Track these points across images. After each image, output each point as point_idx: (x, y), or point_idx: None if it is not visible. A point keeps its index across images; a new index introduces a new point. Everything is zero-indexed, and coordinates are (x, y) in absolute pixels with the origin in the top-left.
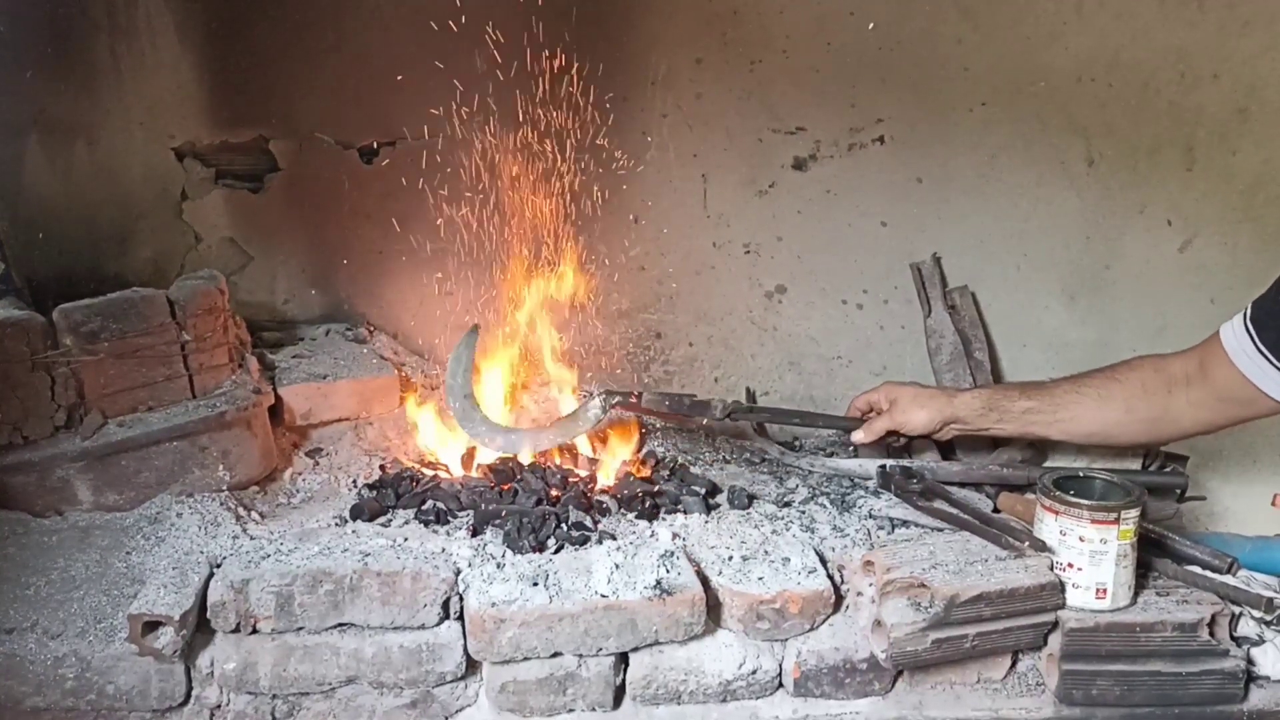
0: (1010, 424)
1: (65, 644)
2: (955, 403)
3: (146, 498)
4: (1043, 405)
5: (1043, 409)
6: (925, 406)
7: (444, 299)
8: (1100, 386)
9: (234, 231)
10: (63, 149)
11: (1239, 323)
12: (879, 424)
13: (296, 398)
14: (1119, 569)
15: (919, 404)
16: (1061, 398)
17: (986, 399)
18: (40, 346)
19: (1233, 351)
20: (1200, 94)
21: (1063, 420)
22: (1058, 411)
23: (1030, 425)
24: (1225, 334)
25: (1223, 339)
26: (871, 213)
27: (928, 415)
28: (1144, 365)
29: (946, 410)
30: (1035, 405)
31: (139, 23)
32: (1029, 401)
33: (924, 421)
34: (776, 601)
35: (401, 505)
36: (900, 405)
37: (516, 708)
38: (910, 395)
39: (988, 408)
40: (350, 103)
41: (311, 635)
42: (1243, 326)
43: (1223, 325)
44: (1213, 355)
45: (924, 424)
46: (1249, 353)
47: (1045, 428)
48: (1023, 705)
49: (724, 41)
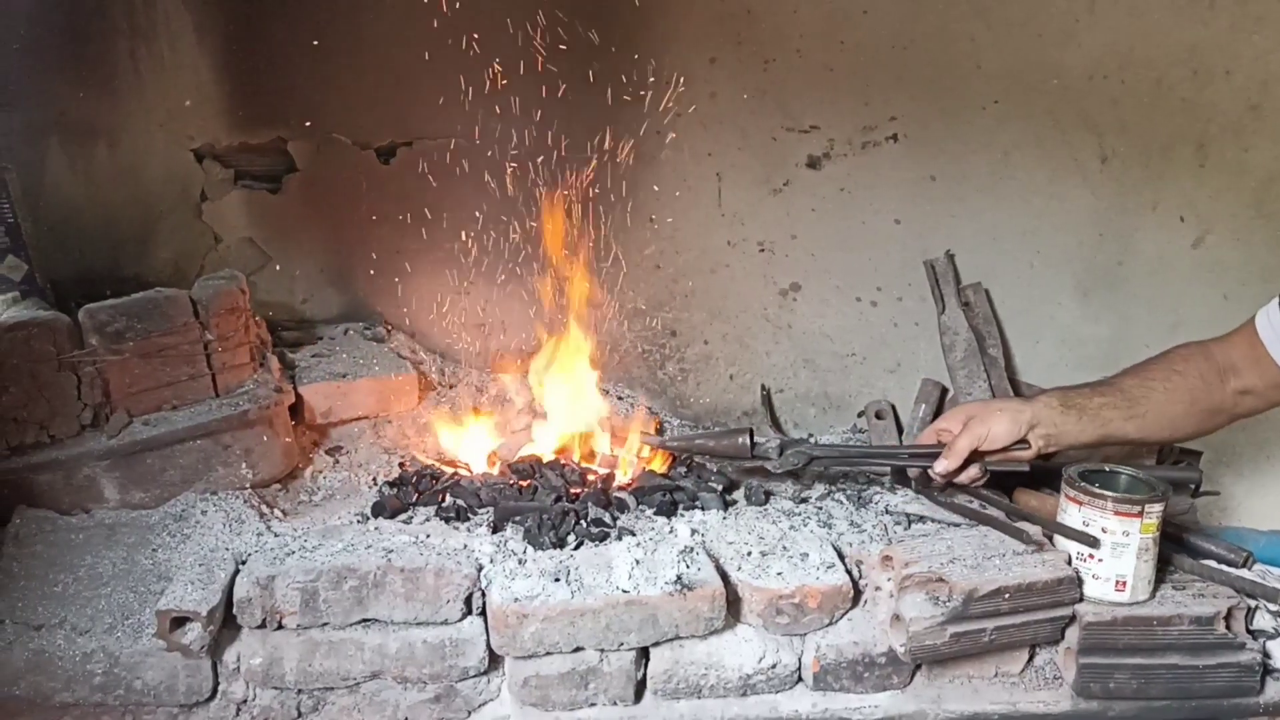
0: (1089, 422)
1: (93, 640)
2: (1034, 405)
3: (171, 495)
4: (1116, 400)
5: (1118, 404)
6: (1003, 410)
7: (461, 298)
8: (1164, 379)
9: (253, 232)
10: (84, 151)
11: (1275, 312)
12: (961, 443)
13: (317, 396)
14: (1140, 562)
15: (995, 410)
16: (1132, 392)
17: (1061, 397)
18: (67, 346)
19: (1270, 344)
20: (1213, 91)
21: (1137, 416)
22: (1133, 407)
23: (1108, 424)
24: (1261, 325)
25: (1259, 331)
26: (885, 210)
27: (1009, 419)
28: (1195, 355)
29: (1025, 412)
30: (1110, 400)
31: (158, 25)
32: (1103, 398)
33: (1005, 428)
34: (795, 596)
35: (422, 503)
36: (978, 418)
37: (539, 702)
38: (982, 406)
39: (1064, 406)
40: (368, 103)
41: (336, 631)
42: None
43: (1257, 315)
44: (1253, 347)
45: (1006, 431)
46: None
47: (1121, 425)
48: (1040, 699)
49: (738, 41)
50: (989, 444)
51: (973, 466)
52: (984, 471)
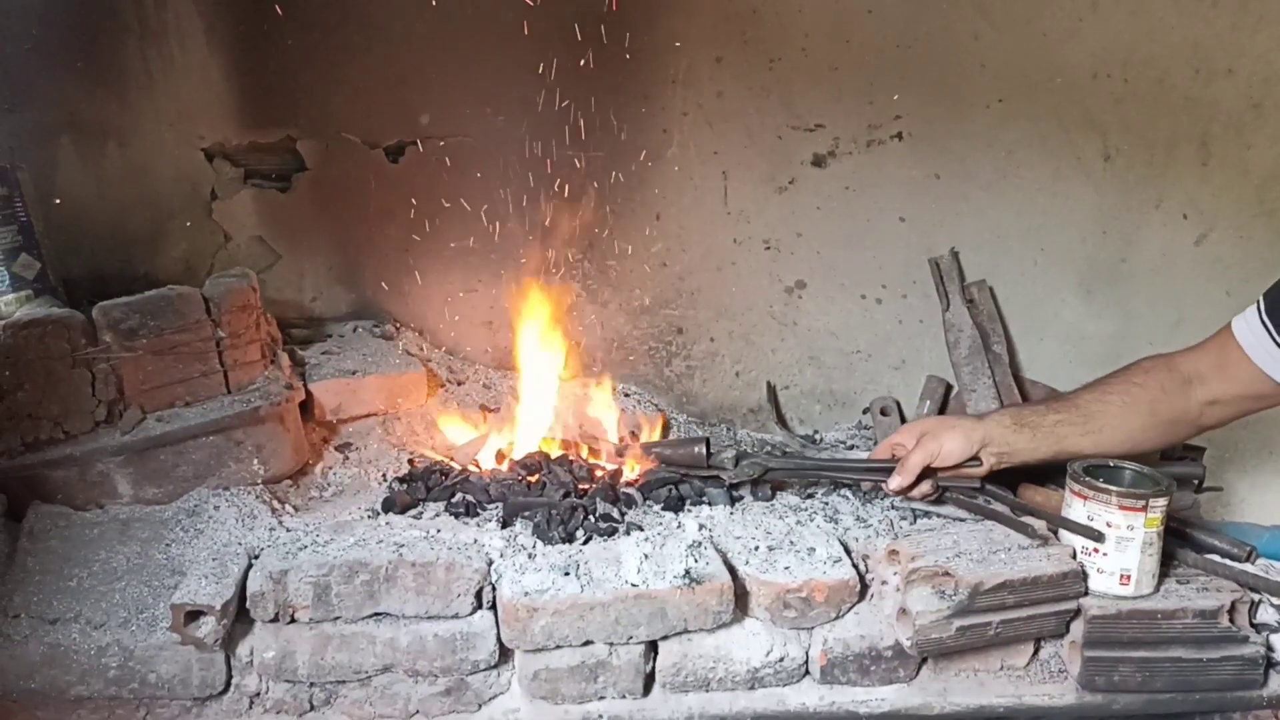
0: (1043, 440)
1: (108, 634)
2: (985, 423)
3: (184, 491)
4: (1072, 417)
5: (1073, 420)
6: (955, 428)
7: (469, 295)
8: (1123, 393)
9: (263, 230)
10: (94, 150)
11: (1253, 317)
12: (914, 459)
13: (327, 393)
14: (1144, 556)
15: (949, 428)
16: (1088, 407)
17: (1014, 415)
18: (81, 343)
19: (1249, 347)
20: (1215, 89)
21: (1093, 431)
22: (1088, 422)
23: (1064, 440)
24: (1239, 329)
25: (1236, 335)
26: (890, 208)
27: (962, 437)
28: (1157, 366)
29: (978, 431)
30: (1064, 417)
31: (168, 25)
32: (1057, 415)
33: (957, 446)
34: (803, 590)
35: (432, 498)
36: (931, 434)
37: (548, 695)
38: (936, 423)
39: (1018, 424)
40: (377, 102)
41: (348, 624)
42: (1258, 321)
43: (1233, 320)
44: (1227, 352)
45: (958, 449)
46: (1267, 347)
47: (1077, 440)
48: (1045, 692)
49: (744, 40)
50: (941, 460)
51: (925, 482)
52: (935, 488)
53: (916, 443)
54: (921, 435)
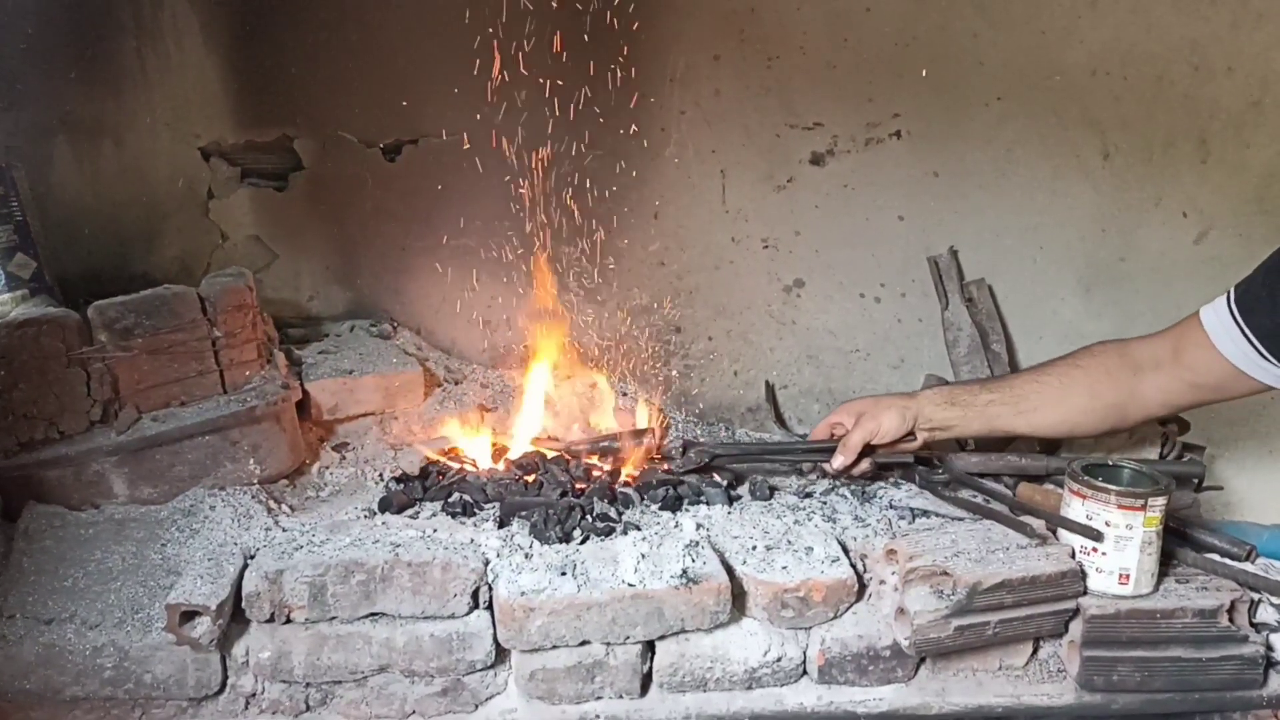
0: (975, 419)
1: (103, 634)
2: (918, 400)
3: (180, 491)
4: (1005, 397)
5: (1005, 400)
6: (891, 406)
7: (467, 294)
8: (1062, 375)
9: (259, 229)
10: (90, 149)
11: (1221, 307)
12: (854, 438)
13: (323, 393)
14: (1143, 555)
15: (885, 407)
16: (1023, 388)
17: (947, 394)
18: (76, 343)
19: (1215, 335)
20: (1214, 87)
21: (1026, 411)
22: (1020, 403)
23: (995, 419)
24: (1206, 318)
25: (1204, 323)
26: (889, 207)
27: (897, 414)
28: (1106, 351)
29: (911, 408)
30: (997, 397)
31: (164, 24)
32: (990, 394)
33: (894, 423)
34: (801, 590)
35: (429, 498)
36: (867, 414)
37: (545, 695)
38: (872, 402)
39: (949, 402)
40: (373, 101)
41: (344, 625)
42: (1226, 311)
43: (1202, 309)
44: (1191, 339)
45: (895, 426)
46: (1234, 337)
47: (1010, 420)
48: (1044, 691)
49: (742, 39)
50: (880, 438)
51: (865, 460)
52: (874, 465)
53: (855, 422)
54: (860, 415)
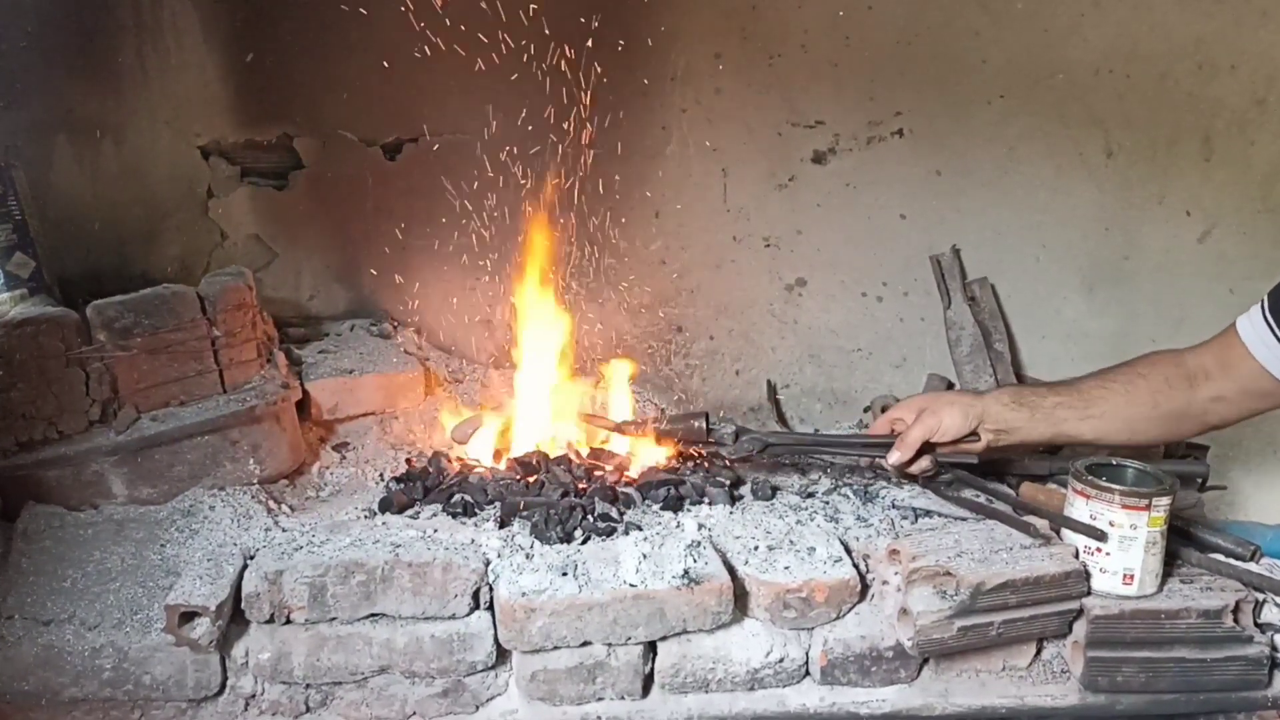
0: (1041, 421)
1: (102, 635)
2: (985, 399)
3: (179, 491)
4: (1073, 400)
5: (1073, 404)
6: (954, 404)
7: (467, 294)
8: (1126, 381)
9: (259, 228)
10: (90, 148)
11: (1257, 315)
12: (913, 434)
13: (323, 392)
14: (1147, 555)
15: (947, 403)
16: (1090, 393)
17: (1014, 394)
18: (75, 343)
19: (1252, 344)
20: (1218, 85)
21: (1093, 417)
22: (1089, 407)
23: (1062, 423)
24: (1243, 327)
25: (1240, 333)
26: (891, 206)
27: (960, 412)
28: (1163, 360)
29: (976, 406)
30: (1065, 400)
31: (164, 23)
32: (1058, 397)
33: (957, 422)
34: (803, 590)
35: (429, 498)
36: (930, 410)
37: (546, 696)
38: (935, 398)
39: (1016, 403)
40: (374, 100)
41: (344, 625)
42: (1261, 319)
43: (1239, 318)
44: (1231, 349)
45: (957, 424)
46: (1269, 344)
47: (1077, 424)
48: (1048, 692)
49: (743, 36)
50: (940, 436)
51: (924, 458)
52: (934, 464)
53: (916, 418)
54: (921, 410)
